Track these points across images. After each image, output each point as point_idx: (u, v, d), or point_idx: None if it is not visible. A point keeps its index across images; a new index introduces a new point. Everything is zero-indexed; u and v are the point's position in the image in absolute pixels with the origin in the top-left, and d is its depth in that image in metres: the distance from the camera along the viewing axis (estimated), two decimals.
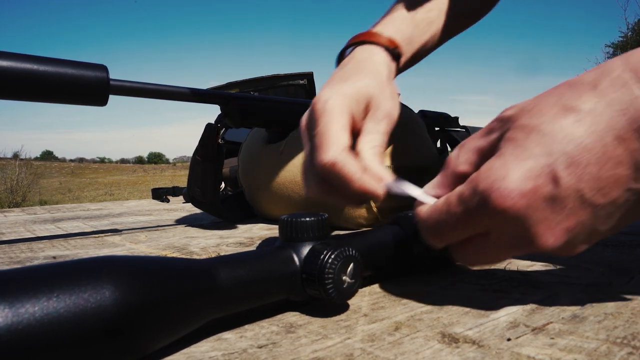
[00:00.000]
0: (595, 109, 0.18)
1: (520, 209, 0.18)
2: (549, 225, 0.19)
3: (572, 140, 0.18)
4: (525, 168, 0.18)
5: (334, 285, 0.21)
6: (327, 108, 0.28)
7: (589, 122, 0.18)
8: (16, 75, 0.34)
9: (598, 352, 0.17)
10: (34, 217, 0.69)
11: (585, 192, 0.18)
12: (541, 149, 0.18)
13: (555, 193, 0.18)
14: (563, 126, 0.18)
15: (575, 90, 0.19)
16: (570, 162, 0.18)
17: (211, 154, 0.48)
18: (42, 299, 0.14)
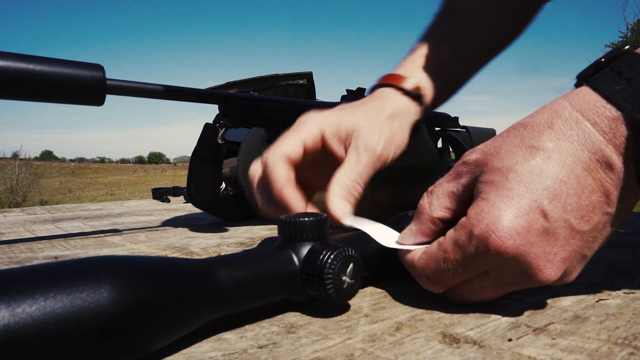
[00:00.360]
0: (559, 145, 0.20)
1: (519, 247, 0.19)
2: (548, 258, 0.19)
3: (548, 176, 0.19)
4: (515, 207, 0.19)
5: (333, 286, 0.21)
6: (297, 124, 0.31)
7: (557, 158, 0.19)
8: (12, 74, 0.34)
9: (599, 352, 0.17)
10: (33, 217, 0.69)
11: (571, 220, 0.19)
12: (523, 188, 0.19)
13: (547, 226, 0.19)
14: (536, 164, 0.20)
15: (533, 130, 0.21)
16: (552, 195, 0.19)
17: (210, 153, 0.48)
18: (39, 299, 0.14)
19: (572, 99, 0.20)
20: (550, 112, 0.20)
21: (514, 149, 0.21)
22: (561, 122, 0.20)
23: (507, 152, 0.21)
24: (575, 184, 0.19)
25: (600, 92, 0.19)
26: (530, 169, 0.19)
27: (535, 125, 0.21)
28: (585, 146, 0.19)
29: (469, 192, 0.22)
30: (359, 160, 0.30)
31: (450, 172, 0.23)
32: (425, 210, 0.23)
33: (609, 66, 0.20)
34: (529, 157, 0.20)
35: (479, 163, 0.22)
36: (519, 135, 0.21)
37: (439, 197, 0.23)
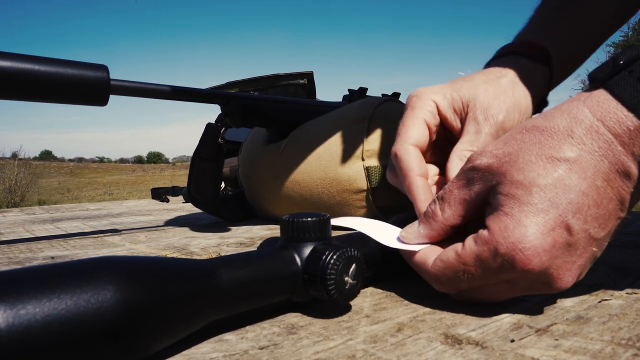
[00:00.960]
0: (580, 156, 0.19)
1: (544, 263, 0.19)
2: (567, 267, 0.20)
3: (571, 189, 0.19)
4: (540, 224, 0.19)
5: (336, 286, 0.20)
6: (410, 103, 0.29)
7: (578, 169, 0.19)
8: (17, 75, 0.34)
9: (603, 353, 0.17)
10: (32, 217, 0.69)
11: (590, 230, 0.19)
12: (547, 203, 0.19)
13: (570, 240, 0.19)
14: (559, 177, 0.19)
15: (552, 138, 0.20)
16: (576, 209, 0.19)
17: (211, 153, 0.48)
18: (42, 300, 0.14)
19: (592, 105, 0.20)
20: (570, 119, 0.20)
21: (534, 159, 0.20)
22: (582, 131, 0.19)
23: (527, 163, 0.20)
24: (595, 195, 0.19)
25: (620, 100, 0.19)
26: (554, 183, 0.19)
27: (554, 132, 0.20)
28: (606, 157, 0.19)
29: (482, 200, 0.22)
30: (480, 130, 0.28)
31: (460, 177, 0.22)
32: (437, 217, 0.23)
33: (627, 70, 0.19)
34: (550, 169, 0.19)
35: (493, 170, 0.21)
36: (537, 142, 0.20)
37: (452, 205, 0.22)
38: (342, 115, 0.49)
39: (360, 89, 0.61)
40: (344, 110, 0.50)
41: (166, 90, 0.44)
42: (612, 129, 0.19)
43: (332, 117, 0.50)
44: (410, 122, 0.28)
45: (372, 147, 0.45)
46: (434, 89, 0.29)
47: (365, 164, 0.45)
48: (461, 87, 0.29)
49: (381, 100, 0.48)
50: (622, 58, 0.20)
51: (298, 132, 0.51)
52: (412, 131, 0.28)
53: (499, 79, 0.30)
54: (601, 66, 0.20)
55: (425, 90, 0.29)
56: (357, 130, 0.46)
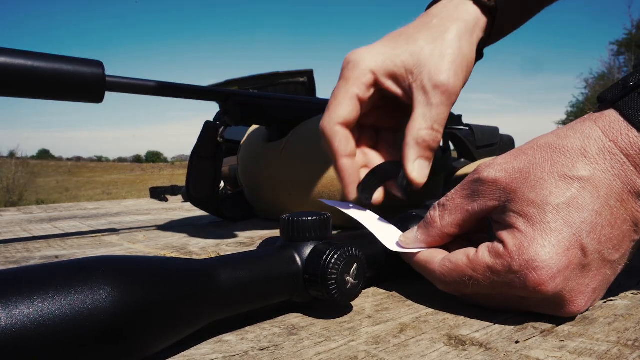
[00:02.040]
0: (593, 176, 0.19)
1: (558, 286, 0.19)
2: (580, 290, 0.19)
3: (585, 208, 0.19)
4: (554, 244, 0.19)
5: (337, 286, 0.20)
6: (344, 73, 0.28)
7: (592, 189, 0.19)
8: (10, 71, 0.33)
9: (609, 354, 0.17)
10: (30, 216, 0.69)
11: (604, 252, 0.19)
12: (561, 222, 0.19)
13: (584, 261, 0.19)
14: (572, 196, 0.19)
15: (565, 157, 0.20)
16: (590, 228, 0.19)
17: (210, 152, 0.47)
18: (36, 300, 0.13)
19: (604, 125, 0.19)
20: (582, 138, 0.20)
21: (546, 177, 0.19)
22: (595, 151, 0.19)
23: (539, 180, 0.20)
24: (609, 216, 0.19)
25: (631, 122, 0.19)
26: (567, 202, 0.19)
27: (568, 151, 0.20)
28: (619, 177, 0.19)
29: (485, 214, 0.21)
30: (430, 101, 0.26)
31: (464, 187, 0.22)
32: (436, 224, 0.23)
33: (637, 91, 0.19)
34: (563, 188, 0.19)
35: (501, 186, 0.20)
36: (549, 159, 0.20)
37: (452, 214, 0.22)
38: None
39: None
40: None
41: (163, 87, 0.43)
42: (625, 150, 0.19)
43: None
44: (342, 97, 0.27)
45: None
46: (371, 53, 0.27)
47: None
48: (403, 51, 0.27)
49: None
50: (632, 79, 0.20)
51: (298, 131, 0.51)
52: (341, 108, 0.27)
53: (443, 33, 0.28)
54: (611, 87, 0.20)
55: (361, 55, 0.27)
56: None
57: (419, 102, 0.27)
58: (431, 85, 0.26)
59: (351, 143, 0.27)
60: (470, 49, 0.28)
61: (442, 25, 0.28)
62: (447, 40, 0.28)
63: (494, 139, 0.68)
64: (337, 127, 0.27)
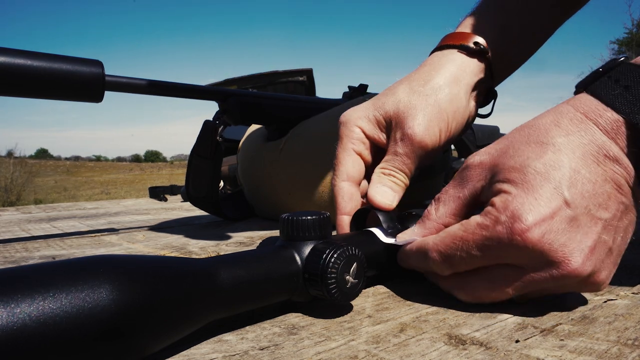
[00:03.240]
0: (567, 140, 0.20)
1: (544, 235, 0.19)
2: (573, 246, 0.19)
3: (562, 166, 0.20)
4: (537, 196, 0.20)
5: (337, 286, 0.20)
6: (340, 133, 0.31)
7: (567, 151, 0.20)
8: (10, 70, 0.33)
9: (609, 354, 0.17)
10: (29, 216, 0.68)
11: (590, 207, 0.20)
12: (541, 179, 0.20)
13: (569, 213, 0.19)
14: (548, 157, 0.20)
15: (539, 129, 0.21)
16: (569, 183, 0.20)
17: (209, 151, 0.47)
18: (37, 299, 0.13)
19: (574, 103, 0.21)
20: (555, 114, 0.21)
21: (523, 147, 0.21)
22: (567, 121, 0.21)
23: (517, 150, 0.21)
24: (587, 173, 0.20)
25: (600, 98, 0.21)
26: (544, 162, 0.20)
27: (541, 125, 0.21)
28: (593, 142, 0.20)
29: (475, 198, 0.22)
30: (397, 151, 0.29)
31: (455, 178, 0.23)
32: (431, 216, 0.24)
33: (606, 75, 0.21)
34: (540, 151, 0.20)
35: (486, 166, 0.22)
36: (525, 135, 0.21)
37: (445, 204, 0.23)
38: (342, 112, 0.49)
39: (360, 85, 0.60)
40: (344, 108, 0.50)
41: (163, 86, 0.43)
42: (594, 120, 0.20)
43: (332, 115, 0.50)
44: (342, 156, 0.30)
45: None
46: (357, 113, 0.30)
47: None
48: (384, 104, 0.30)
49: None
50: (601, 68, 0.22)
51: (298, 130, 0.51)
52: (344, 166, 0.30)
53: (423, 86, 0.30)
54: (585, 77, 0.22)
55: (350, 115, 0.30)
56: None
57: (388, 151, 0.29)
58: (400, 136, 0.29)
59: (354, 199, 0.29)
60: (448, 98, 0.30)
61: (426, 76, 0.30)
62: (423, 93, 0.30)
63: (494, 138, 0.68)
64: (342, 183, 0.29)
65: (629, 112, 0.20)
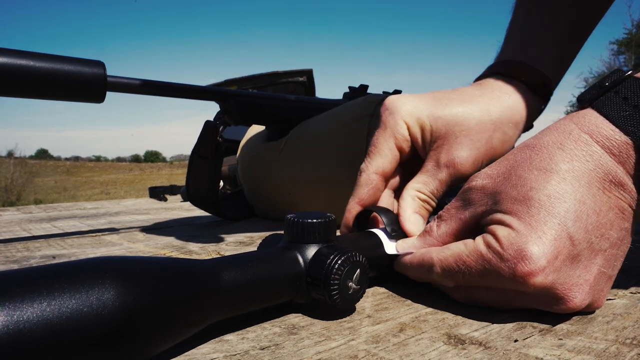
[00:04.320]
0: (572, 166, 0.19)
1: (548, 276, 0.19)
2: (574, 283, 0.19)
3: (566, 198, 0.19)
4: (541, 235, 0.19)
5: (339, 291, 0.20)
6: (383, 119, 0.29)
7: (571, 179, 0.19)
8: (12, 71, 0.33)
9: (607, 353, 0.17)
10: (29, 216, 0.68)
11: (592, 240, 0.19)
12: (545, 214, 0.19)
13: (572, 250, 0.19)
14: (552, 188, 0.19)
15: (542, 152, 0.20)
16: (575, 216, 0.19)
17: (210, 152, 0.47)
18: (39, 301, 0.13)
19: (579, 121, 0.20)
20: (558, 134, 0.20)
21: (526, 174, 0.20)
22: (572, 144, 0.20)
23: (519, 178, 0.20)
24: (592, 203, 0.19)
25: (607, 117, 0.19)
26: (548, 193, 0.19)
27: (544, 147, 0.20)
28: (598, 167, 0.19)
29: (476, 221, 0.22)
30: (436, 175, 0.27)
31: (458, 198, 0.23)
32: (433, 233, 0.24)
33: (612, 90, 0.20)
34: (543, 181, 0.20)
35: (488, 191, 0.21)
36: (527, 158, 0.20)
37: (447, 223, 0.23)
38: (343, 112, 0.49)
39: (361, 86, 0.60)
40: (344, 108, 0.50)
41: (164, 87, 0.43)
42: (600, 142, 0.19)
43: (332, 115, 0.50)
44: (382, 146, 0.28)
45: None
46: (408, 107, 0.28)
47: None
48: (438, 115, 0.28)
49: (382, 98, 0.48)
50: (608, 80, 0.20)
51: (298, 130, 0.51)
52: (381, 158, 0.28)
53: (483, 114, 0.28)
54: (589, 89, 0.21)
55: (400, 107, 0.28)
56: (358, 128, 0.46)
57: (426, 169, 0.28)
58: (445, 161, 0.27)
59: (376, 195, 0.28)
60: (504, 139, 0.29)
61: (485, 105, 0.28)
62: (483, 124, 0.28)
63: None
64: (374, 175, 0.28)
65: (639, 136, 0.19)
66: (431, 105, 0.28)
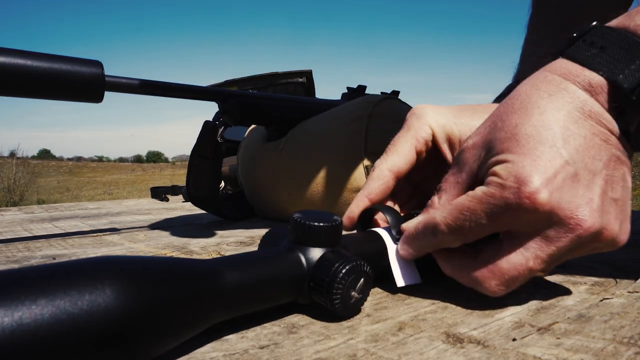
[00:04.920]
0: (550, 102, 0.21)
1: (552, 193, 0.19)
2: (579, 202, 0.19)
3: (551, 126, 0.20)
4: (537, 159, 0.20)
5: (341, 300, 0.20)
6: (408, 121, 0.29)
7: (552, 111, 0.20)
8: (9, 71, 0.34)
9: (605, 352, 0.17)
10: (31, 216, 0.69)
11: (587, 161, 0.20)
12: (534, 142, 0.20)
13: (570, 169, 0.20)
14: (536, 120, 0.20)
15: (520, 97, 0.21)
16: (562, 140, 0.20)
17: (210, 152, 0.47)
18: (40, 302, 0.13)
19: (551, 68, 0.22)
20: (533, 81, 0.22)
21: (509, 118, 0.21)
22: (546, 85, 0.21)
23: (504, 122, 0.21)
24: (576, 128, 0.20)
25: (576, 60, 0.21)
26: (534, 126, 0.20)
27: (522, 93, 0.22)
28: (574, 99, 0.20)
29: (475, 178, 0.22)
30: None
31: (453, 165, 0.24)
32: (435, 204, 0.24)
33: (581, 39, 0.22)
34: (526, 117, 0.21)
35: (478, 145, 0.22)
36: (509, 105, 0.22)
37: (447, 192, 0.23)
38: (341, 113, 0.49)
39: (359, 86, 0.60)
40: (343, 109, 0.50)
41: (163, 87, 0.43)
42: (572, 80, 0.21)
43: (331, 115, 0.50)
44: (400, 145, 0.29)
45: (372, 145, 0.45)
46: (435, 115, 0.29)
47: (365, 162, 0.45)
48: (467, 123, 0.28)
49: (380, 98, 0.48)
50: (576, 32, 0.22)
51: (297, 131, 0.51)
52: (397, 156, 0.28)
53: None
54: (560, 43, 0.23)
55: (426, 111, 0.29)
56: (357, 129, 0.46)
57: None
58: None
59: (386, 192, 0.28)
60: None
61: None
62: None
63: None
64: (387, 172, 0.28)
65: (607, 71, 0.20)
66: (458, 113, 0.29)
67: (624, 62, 0.20)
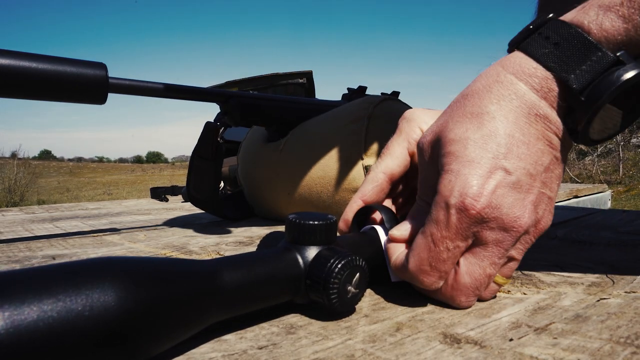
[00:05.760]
0: (500, 106, 0.21)
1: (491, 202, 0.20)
2: (519, 205, 0.21)
3: (497, 134, 0.21)
4: (478, 169, 0.21)
5: (338, 295, 0.20)
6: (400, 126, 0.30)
7: (500, 117, 0.21)
8: (14, 72, 0.34)
9: (601, 351, 0.17)
10: (32, 216, 0.69)
11: (528, 167, 0.21)
12: (479, 150, 0.21)
13: (510, 178, 0.21)
14: (485, 128, 0.21)
15: (473, 98, 0.22)
16: (506, 150, 0.21)
17: (210, 152, 0.48)
18: (41, 302, 0.13)
19: (505, 63, 0.22)
20: (487, 78, 0.22)
21: (461, 119, 0.22)
22: (498, 86, 0.22)
23: (456, 123, 0.22)
24: (521, 135, 0.21)
25: (530, 55, 0.22)
26: (482, 133, 0.21)
27: (475, 93, 0.22)
28: (524, 104, 0.21)
29: (436, 173, 0.23)
30: None
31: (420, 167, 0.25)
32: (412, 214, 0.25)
33: (537, 32, 0.22)
34: (476, 122, 0.22)
35: (433, 142, 0.23)
36: (462, 106, 0.23)
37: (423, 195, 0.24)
38: (341, 114, 0.49)
39: (360, 87, 0.61)
40: (343, 109, 0.50)
41: (165, 88, 0.44)
42: (523, 80, 0.21)
43: (331, 116, 0.50)
44: (394, 148, 0.29)
45: (372, 145, 0.45)
46: (424, 117, 0.30)
47: (365, 163, 0.45)
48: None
49: (380, 99, 0.48)
50: (532, 24, 0.22)
51: (297, 131, 0.51)
52: (391, 159, 0.29)
53: None
54: (518, 34, 0.23)
55: (416, 114, 0.30)
56: (357, 129, 0.46)
57: None
58: None
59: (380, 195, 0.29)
60: None
61: None
62: None
63: None
64: (381, 174, 0.29)
65: (559, 70, 0.21)
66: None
67: (575, 61, 0.21)
